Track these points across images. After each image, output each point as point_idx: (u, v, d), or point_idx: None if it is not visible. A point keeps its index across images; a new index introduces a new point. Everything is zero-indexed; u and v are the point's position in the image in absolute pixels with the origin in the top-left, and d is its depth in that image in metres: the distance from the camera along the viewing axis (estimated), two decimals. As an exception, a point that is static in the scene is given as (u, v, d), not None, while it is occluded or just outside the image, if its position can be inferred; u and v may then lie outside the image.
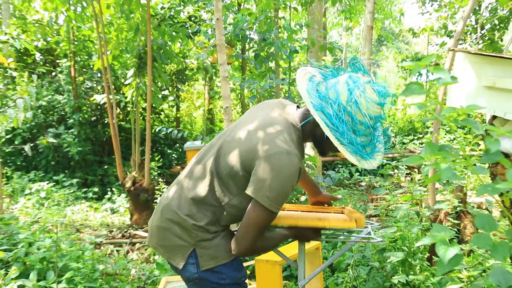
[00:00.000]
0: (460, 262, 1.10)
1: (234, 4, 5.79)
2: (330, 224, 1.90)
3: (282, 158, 1.61)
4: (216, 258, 1.75)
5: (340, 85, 1.66)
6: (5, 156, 8.30)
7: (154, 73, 6.32)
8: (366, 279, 3.35)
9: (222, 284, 1.77)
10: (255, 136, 1.69)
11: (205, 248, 1.74)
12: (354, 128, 1.66)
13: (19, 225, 4.36)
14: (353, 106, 1.63)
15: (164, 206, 1.82)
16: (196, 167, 1.84)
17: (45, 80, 9.30)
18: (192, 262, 1.75)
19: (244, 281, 1.85)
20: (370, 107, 1.64)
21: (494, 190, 1.13)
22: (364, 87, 1.65)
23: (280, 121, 1.73)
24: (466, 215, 3.56)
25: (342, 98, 1.64)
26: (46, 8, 6.17)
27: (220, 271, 1.76)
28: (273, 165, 1.61)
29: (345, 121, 1.64)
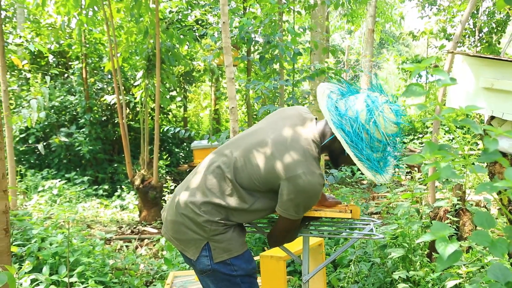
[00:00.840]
0: (459, 259, 1.09)
1: (240, 8, 5.85)
2: (326, 214, 2.00)
3: (307, 179, 1.67)
4: (228, 251, 1.79)
5: (359, 104, 1.72)
6: (19, 155, 8.38)
7: (163, 75, 6.39)
8: (368, 274, 3.36)
9: (234, 276, 1.81)
10: (278, 155, 1.73)
11: (218, 242, 1.78)
12: (371, 145, 1.73)
13: (32, 221, 4.42)
14: (371, 125, 1.69)
15: (179, 201, 1.85)
16: (213, 170, 1.85)
17: (58, 81, 9.34)
18: (206, 255, 1.79)
19: (255, 273, 1.89)
20: (387, 126, 1.71)
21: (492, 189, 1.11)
22: (383, 107, 1.71)
23: (302, 140, 1.75)
24: (465, 212, 3.60)
25: (361, 117, 1.71)
26: (59, 12, 6.24)
27: (232, 263, 1.80)
28: (299, 186, 1.68)
29: (364, 138, 1.71)
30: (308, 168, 1.69)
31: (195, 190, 1.84)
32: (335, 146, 1.78)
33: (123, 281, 3.71)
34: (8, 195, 2.23)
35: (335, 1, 4.97)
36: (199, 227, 1.78)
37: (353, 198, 5.83)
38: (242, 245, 1.84)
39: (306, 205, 1.75)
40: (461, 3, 9.39)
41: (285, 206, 1.74)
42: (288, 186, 1.70)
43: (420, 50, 25.37)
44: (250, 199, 1.80)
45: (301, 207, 1.74)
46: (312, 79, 4.61)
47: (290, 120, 1.86)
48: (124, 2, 6.34)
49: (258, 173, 1.76)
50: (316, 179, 1.69)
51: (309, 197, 1.71)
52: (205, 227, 1.78)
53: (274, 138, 1.79)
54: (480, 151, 3.76)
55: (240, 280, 1.83)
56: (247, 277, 1.85)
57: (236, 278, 1.83)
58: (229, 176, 1.80)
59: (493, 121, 3.56)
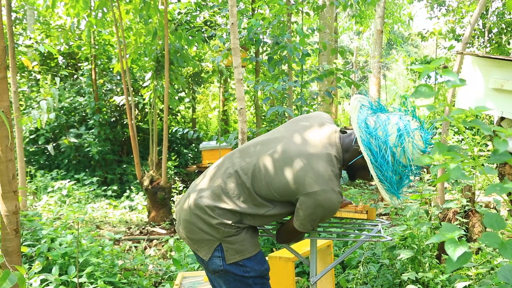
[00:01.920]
0: (469, 260, 1.08)
1: (248, 9, 5.86)
2: (342, 214, 2.01)
3: (326, 196, 1.67)
4: (241, 252, 1.79)
5: (390, 126, 1.71)
6: (29, 155, 8.46)
7: (171, 76, 6.41)
8: (377, 276, 3.35)
9: (246, 277, 1.82)
10: (299, 169, 1.71)
11: (231, 243, 1.78)
12: (395, 169, 1.72)
13: (42, 222, 4.44)
14: (399, 150, 1.69)
15: (193, 202, 1.85)
16: (230, 174, 1.84)
17: (67, 82, 9.42)
18: (218, 256, 1.79)
19: (267, 274, 1.89)
20: (415, 153, 1.70)
21: (502, 190, 1.11)
22: (414, 133, 1.71)
23: (325, 155, 1.73)
24: (475, 214, 3.57)
25: (391, 140, 1.70)
26: (69, 14, 6.29)
27: (244, 265, 1.80)
28: (318, 202, 1.68)
29: (389, 162, 1.70)
30: (328, 185, 1.68)
31: (211, 192, 1.83)
32: (357, 162, 1.77)
33: (132, 282, 3.72)
34: (18, 196, 2.25)
35: (343, 2, 4.97)
36: (212, 229, 1.79)
37: (362, 199, 5.81)
38: (255, 246, 1.84)
39: (322, 219, 1.79)
40: (470, 4, 9.34)
41: (302, 222, 1.76)
42: (307, 202, 1.70)
43: (429, 51, 25.27)
44: (266, 206, 1.80)
45: (317, 221, 1.76)
46: (320, 80, 4.60)
47: (313, 131, 1.83)
48: (133, 3, 6.38)
49: (277, 185, 1.74)
50: (335, 197, 1.69)
51: (326, 213, 1.73)
52: (218, 229, 1.78)
53: (295, 150, 1.76)
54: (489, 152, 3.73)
55: (253, 281, 1.83)
56: (260, 278, 1.85)
57: (249, 279, 1.83)
58: (247, 183, 1.79)
59: (503, 122, 3.54)
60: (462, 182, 3.81)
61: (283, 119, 4.60)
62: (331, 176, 1.70)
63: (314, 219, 1.74)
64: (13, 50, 4.76)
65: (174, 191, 6.38)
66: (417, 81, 11.94)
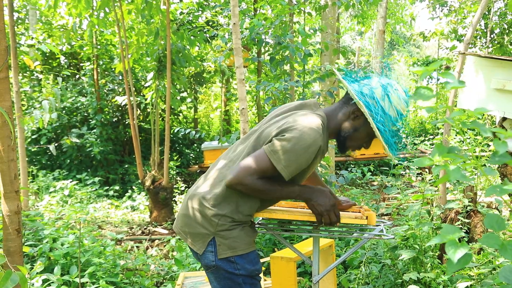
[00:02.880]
0: (470, 262, 1.09)
1: (251, 9, 5.86)
2: (342, 219, 1.93)
3: (305, 131, 1.71)
4: (233, 248, 1.80)
5: (374, 83, 1.83)
6: (31, 155, 8.48)
7: (173, 76, 6.42)
8: (378, 276, 3.36)
9: (236, 275, 1.82)
10: (285, 118, 1.81)
11: (224, 238, 1.80)
12: (387, 118, 1.82)
13: (44, 222, 4.46)
14: (386, 100, 1.78)
15: (191, 195, 1.90)
16: (223, 165, 1.90)
17: (69, 82, 9.44)
18: (211, 250, 1.81)
19: (257, 275, 1.88)
20: (400, 103, 1.82)
21: (503, 191, 1.12)
22: (396, 85, 1.84)
23: (306, 112, 1.85)
24: (476, 214, 3.57)
25: (377, 94, 1.80)
26: (71, 13, 6.31)
27: (235, 261, 1.81)
28: (294, 134, 1.70)
29: (383, 111, 1.81)
30: (310, 125, 1.73)
31: (206, 185, 1.88)
32: (347, 126, 1.85)
33: (134, 282, 3.73)
34: (20, 196, 2.25)
35: (345, 2, 4.96)
36: (207, 221, 1.81)
37: (364, 199, 5.81)
38: (248, 245, 1.84)
39: (295, 158, 1.71)
40: (472, 4, 9.33)
41: (272, 147, 1.73)
42: (287, 135, 1.72)
43: (431, 51, 25.25)
44: None
45: (287, 152, 1.70)
46: (322, 80, 4.60)
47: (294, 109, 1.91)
48: (135, 3, 6.39)
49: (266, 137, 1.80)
50: (314, 135, 1.71)
51: (301, 147, 1.70)
52: (212, 221, 1.79)
53: (282, 115, 1.86)
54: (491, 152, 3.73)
55: (242, 280, 1.84)
56: (249, 278, 1.85)
57: (239, 278, 1.83)
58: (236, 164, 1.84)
59: (505, 122, 3.54)
60: (464, 183, 3.81)
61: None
62: (313, 121, 1.75)
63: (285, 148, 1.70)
64: (15, 50, 4.77)
65: (176, 191, 6.38)
66: (418, 82, 11.95)
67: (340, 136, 1.89)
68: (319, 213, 1.82)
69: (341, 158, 8.50)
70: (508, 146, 1.19)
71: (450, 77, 1.25)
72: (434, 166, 1.22)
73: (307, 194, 1.82)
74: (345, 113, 1.86)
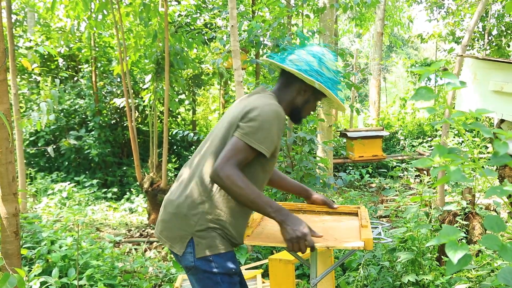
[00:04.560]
0: (469, 263, 1.10)
1: (249, 12, 5.87)
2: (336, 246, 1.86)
3: (266, 107, 1.83)
4: (210, 247, 1.84)
5: (306, 56, 1.95)
6: (29, 158, 8.44)
7: (171, 78, 6.42)
8: (377, 278, 3.37)
9: (214, 273, 1.85)
10: (241, 105, 1.91)
11: (202, 238, 1.84)
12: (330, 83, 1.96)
13: (42, 224, 4.43)
14: (324, 68, 1.94)
15: (166, 200, 1.96)
16: (194, 159, 1.98)
17: (68, 84, 9.40)
18: (190, 251, 1.85)
19: (235, 274, 1.91)
20: (333, 64, 1.98)
21: (502, 192, 1.13)
22: (325, 52, 2.00)
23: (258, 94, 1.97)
24: (475, 216, 3.59)
25: (315, 65, 1.93)
26: (69, 16, 6.30)
27: (213, 260, 1.84)
28: (258, 112, 1.81)
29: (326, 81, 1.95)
30: (267, 101, 1.86)
31: (180, 188, 1.94)
32: (297, 102, 1.99)
33: (132, 284, 3.72)
34: (18, 198, 2.25)
35: (343, 4, 4.97)
36: (184, 222, 1.86)
37: (362, 201, 5.81)
38: (226, 245, 1.87)
39: (267, 133, 1.79)
40: (470, 6, 9.36)
41: (242, 130, 1.80)
42: (249, 115, 1.82)
43: (429, 54, 25.32)
44: None
45: (257, 131, 1.78)
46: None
47: (246, 97, 2.03)
48: (133, 6, 6.39)
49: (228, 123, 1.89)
50: (275, 107, 1.84)
51: (268, 121, 1.80)
52: (189, 221, 1.85)
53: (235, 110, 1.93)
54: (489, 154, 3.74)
55: (220, 278, 1.86)
56: (227, 276, 1.88)
57: (217, 276, 1.86)
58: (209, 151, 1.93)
59: (503, 124, 3.55)
60: (462, 184, 3.82)
61: (283, 121, 4.60)
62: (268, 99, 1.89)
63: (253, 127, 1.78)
64: (13, 52, 4.76)
65: (174, 193, 6.33)
66: (417, 84, 11.97)
67: (294, 111, 2.02)
68: (289, 239, 1.78)
69: (339, 160, 8.51)
70: (509, 147, 1.19)
71: (451, 77, 1.26)
72: (433, 168, 1.22)
73: (284, 216, 1.80)
74: (293, 91, 1.98)
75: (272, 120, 1.82)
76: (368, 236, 1.81)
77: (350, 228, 2.03)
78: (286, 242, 1.79)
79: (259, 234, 1.95)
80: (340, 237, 1.89)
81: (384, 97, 17.51)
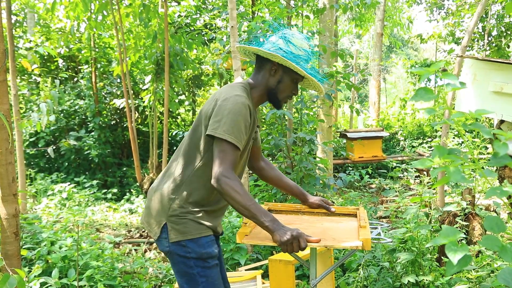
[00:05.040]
0: (469, 263, 1.09)
1: (249, 13, 5.87)
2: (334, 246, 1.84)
3: (230, 99, 1.87)
4: (183, 233, 1.91)
5: (272, 38, 2.02)
6: (29, 158, 8.44)
7: (171, 79, 6.43)
8: (377, 279, 3.37)
9: (188, 258, 1.91)
10: (211, 100, 1.97)
11: (175, 223, 1.91)
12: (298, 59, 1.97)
13: (42, 225, 4.44)
14: (291, 45, 1.96)
15: (149, 189, 2.08)
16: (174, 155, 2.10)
17: (67, 85, 9.40)
18: (165, 237, 1.93)
19: (209, 259, 1.94)
20: (302, 43, 1.99)
21: (502, 193, 1.13)
22: (289, 31, 2.03)
23: (228, 86, 2.02)
24: (475, 216, 3.58)
25: (281, 44, 1.97)
26: (69, 16, 6.31)
27: (186, 245, 1.91)
28: (223, 105, 1.86)
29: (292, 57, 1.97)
30: (232, 93, 1.90)
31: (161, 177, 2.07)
32: (270, 83, 2.00)
33: (132, 285, 3.72)
34: (18, 199, 2.25)
35: (343, 5, 4.98)
36: (161, 207, 1.95)
37: (362, 202, 5.82)
38: (199, 230, 1.93)
39: (234, 123, 1.83)
40: (470, 7, 9.36)
41: (214, 126, 1.85)
42: (216, 109, 1.87)
43: (428, 54, 25.35)
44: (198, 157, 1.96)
45: (229, 124, 1.82)
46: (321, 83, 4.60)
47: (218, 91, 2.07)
48: (133, 6, 6.39)
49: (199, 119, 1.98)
50: (239, 98, 1.88)
51: (234, 112, 1.84)
52: (164, 207, 1.94)
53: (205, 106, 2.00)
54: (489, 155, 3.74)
55: (194, 263, 1.92)
56: (201, 260, 1.93)
57: (190, 261, 1.92)
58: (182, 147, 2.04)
59: (502, 125, 3.55)
60: (462, 185, 3.82)
61: (283, 122, 4.60)
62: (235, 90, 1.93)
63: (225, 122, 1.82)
64: (13, 53, 4.76)
65: (174, 194, 6.33)
66: (417, 84, 11.97)
67: (270, 93, 2.04)
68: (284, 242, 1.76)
69: (339, 161, 8.51)
70: (508, 148, 1.19)
71: (451, 78, 1.26)
72: (433, 168, 1.22)
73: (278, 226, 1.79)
74: (265, 73, 2.01)
75: (239, 110, 1.85)
76: (366, 236, 1.81)
77: (349, 229, 2.03)
78: (280, 246, 1.77)
79: (257, 234, 1.94)
80: (339, 238, 1.89)
81: (384, 97, 17.53)
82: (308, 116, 4.85)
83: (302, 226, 2.04)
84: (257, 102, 2.07)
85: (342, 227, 2.06)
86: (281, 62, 1.94)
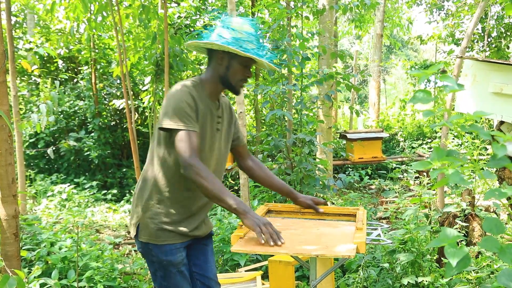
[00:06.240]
0: (469, 265, 1.10)
1: (248, 14, 5.88)
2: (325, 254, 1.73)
3: (171, 92, 1.95)
4: (150, 236, 1.97)
5: (215, 31, 2.02)
6: (29, 159, 8.44)
7: (171, 80, 6.42)
8: (377, 279, 3.38)
9: (152, 261, 2.01)
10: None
11: (145, 226, 1.98)
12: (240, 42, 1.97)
13: (41, 226, 4.46)
14: (230, 29, 1.97)
15: (134, 192, 2.13)
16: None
17: (67, 86, 9.42)
18: (138, 237, 2.02)
19: (170, 266, 1.98)
20: (242, 26, 1.99)
21: (501, 195, 1.13)
22: (228, 19, 2.03)
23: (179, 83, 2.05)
24: (475, 217, 3.58)
25: (224, 35, 1.97)
26: (68, 17, 6.31)
27: (152, 249, 1.98)
28: (166, 100, 1.94)
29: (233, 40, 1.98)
30: (177, 86, 1.97)
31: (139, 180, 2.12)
32: (220, 71, 2.03)
33: (132, 286, 3.72)
34: (18, 200, 2.25)
35: (343, 6, 4.98)
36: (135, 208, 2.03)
37: (361, 203, 5.82)
38: (166, 238, 1.97)
39: (175, 108, 1.89)
40: (469, 8, 9.37)
41: (161, 118, 1.92)
42: (163, 103, 1.96)
43: (428, 55, 25.36)
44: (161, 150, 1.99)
45: (171, 111, 1.89)
46: (320, 84, 4.61)
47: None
48: (133, 7, 6.39)
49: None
50: (180, 87, 1.95)
51: (175, 99, 1.91)
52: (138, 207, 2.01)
53: None
54: (489, 156, 3.74)
55: (158, 266, 2.01)
56: (162, 268, 2.00)
57: (155, 264, 2.01)
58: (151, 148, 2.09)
59: (502, 126, 3.55)
60: (462, 186, 3.82)
61: (283, 123, 4.61)
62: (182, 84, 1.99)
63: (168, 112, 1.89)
64: (13, 54, 4.76)
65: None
66: (416, 85, 11.99)
67: (222, 81, 2.05)
68: (256, 225, 1.78)
69: (339, 162, 8.51)
70: (507, 149, 1.19)
71: (449, 80, 1.25)
72: (432, 170, 1.22)
73: (246, 208, 1.83)
74: (214, 64, 2.04)
75: (179, 99, 1.91)
76: (361, 239, 1.76)
77: (345, 234, 1.94)
78: (253, 228, 1.78)
79: (252, 237, 1.86)
80: (332, 245, 1.79)
81: (383, 98, 17.54)
82: (308, 117, 4.85)
83: (297, 232, 1.99)
84: (212, 92, 2.07)
85: (338, 232, 1.98)
86: (220, 48, 1.97)
